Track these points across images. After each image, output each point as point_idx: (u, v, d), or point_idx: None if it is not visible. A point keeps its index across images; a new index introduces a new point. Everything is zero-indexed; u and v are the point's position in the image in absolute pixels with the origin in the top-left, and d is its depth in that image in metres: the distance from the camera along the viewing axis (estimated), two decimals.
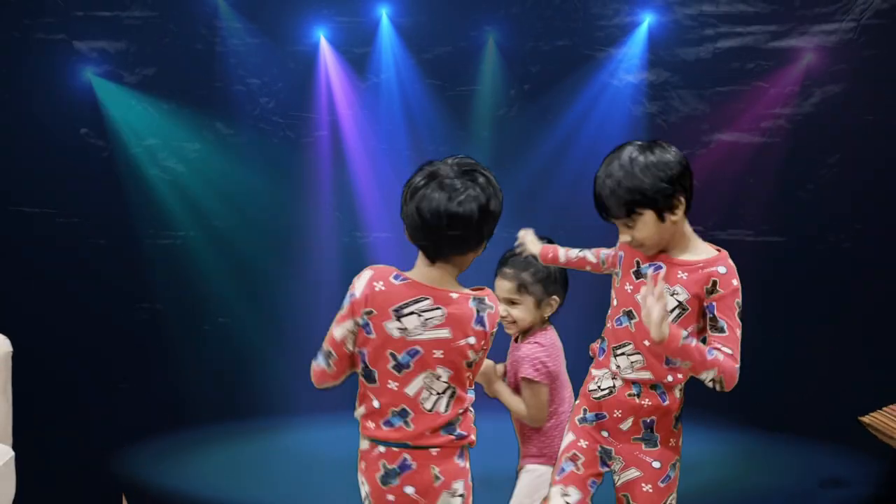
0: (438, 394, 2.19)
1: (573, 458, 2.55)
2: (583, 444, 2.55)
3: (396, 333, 2.16)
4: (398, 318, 2.17)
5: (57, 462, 4.05)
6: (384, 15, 4.02)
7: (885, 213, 3.96)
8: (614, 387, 2.51)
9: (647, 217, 2.42)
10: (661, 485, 2.52)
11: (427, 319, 2.16)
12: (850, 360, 3.99)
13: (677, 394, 2.52)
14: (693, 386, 2.39)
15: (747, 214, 4.05)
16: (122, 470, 3.47)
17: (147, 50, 4.09)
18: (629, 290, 2.49)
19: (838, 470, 3.99)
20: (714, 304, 2.43)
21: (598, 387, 2.54)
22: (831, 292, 4.03)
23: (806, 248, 4.04)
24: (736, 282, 2.46)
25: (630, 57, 4.00)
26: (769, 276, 4.07)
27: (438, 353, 2.17)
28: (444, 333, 2.15)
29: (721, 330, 2.42)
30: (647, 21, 3.96)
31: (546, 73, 4.04)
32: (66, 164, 4.15)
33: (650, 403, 2.51)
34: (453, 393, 2.19)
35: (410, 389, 2.19)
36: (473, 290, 2.19)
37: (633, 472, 2.51)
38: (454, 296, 2.17)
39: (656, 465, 2.53)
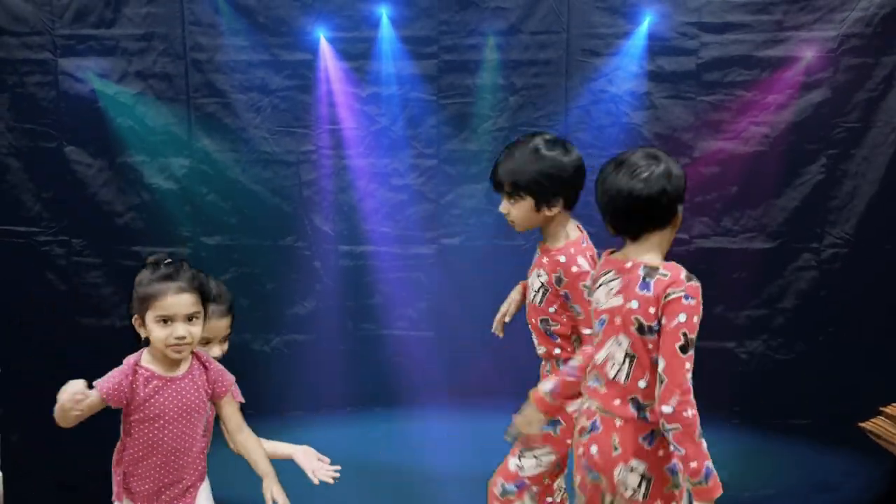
0: (619, 363, 2.30)
1: (553, 423, 2.80)
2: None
3: (592, 304, 2.44)
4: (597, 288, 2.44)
5: (44, 483, 4.01)
6: (383, 21, 4.02)
7: (873, 218, 3.99)
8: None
9: (526, 202, 2.69)
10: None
11: (610, 290, 2.38)
12: (848, 362, 4.00)
13: (561, 366, 2.74)
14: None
15: (734, 222, 4.08)
16: (111, 489, 3.43)
17: (135, 66, 4.08)
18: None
19: (837, 473, 4.00)
20: (567, 292, 2.66)
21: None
22: (823, 296, 4.05)
23: (794, 256, 4.06)
24: (578, 269, 2.61)
25: (616, 68, 4.03)
26: (760, 282, 4.09)
27: (617, 321, 2.32)
28: (618, 301, 2.32)
29: (578, 314, 2.66)
30: (635, 32, 3.99)
31: (535, 84, 4.06)
32: (54, 181, 4.14)
33: (549, 371, 2.88)
34: (631, 361, 2.30)
35: (599, 356, 2.36)
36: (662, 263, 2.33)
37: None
38: (628, 265, 2.33)
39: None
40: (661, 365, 2.24)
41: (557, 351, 2.75)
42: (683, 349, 2.22)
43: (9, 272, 4.13)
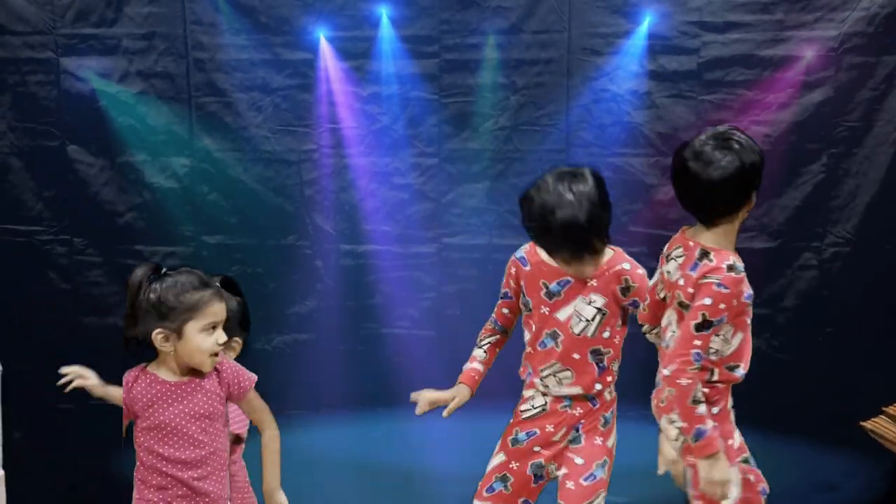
0: (669, 335, 2.40)
1: (503, 479, 2.57)
2: (514, 465, 2.57)
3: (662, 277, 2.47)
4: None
5: (47, 481, 4.01)
6: (383, 21, 4.02)
7: (875, 217, 3.99)
8: (546, 404, 2.58)
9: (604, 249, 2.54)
10: (585, 482, 2.53)
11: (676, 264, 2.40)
12: (849, 362, 4.00)
13: (607, 396, 2.62)
14: None
15: None
16: (113, 488, 3.44)
17: (137, 65, 4.08)
18: (546, 312, 2.54)
19: (837, 473, 4.00)
20: (636, 299, 2.52)
21: (532, 406, 2.57)
22: (824, 296, 4.05)
23: (796, 255, 4.06)
24: (641, 270, 2.55)
25: (617, 67, 4.03)
26: (762, 281, 4.08)
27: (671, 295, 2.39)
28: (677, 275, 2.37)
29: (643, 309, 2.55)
30: (637, 31, 3.99)
31: (536, 83, 4.06)
32: (56, 180, 4.14)
33: (581, 411, 2.59)
34: (673, 335, 2.38)
35: (662, 322, 2.44)
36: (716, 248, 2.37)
37: (561, 472, 2.54)
38: (691, 243, 2.38)
39: (579, 461, 2.55)
40: (676, 334, 2.32)
41: (598, 387, 2.58)
42: (698, 327, 2.28)
43: (10, 271, 4.14)
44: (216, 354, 2.39)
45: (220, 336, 2.37)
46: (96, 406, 3.97)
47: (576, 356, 2.56)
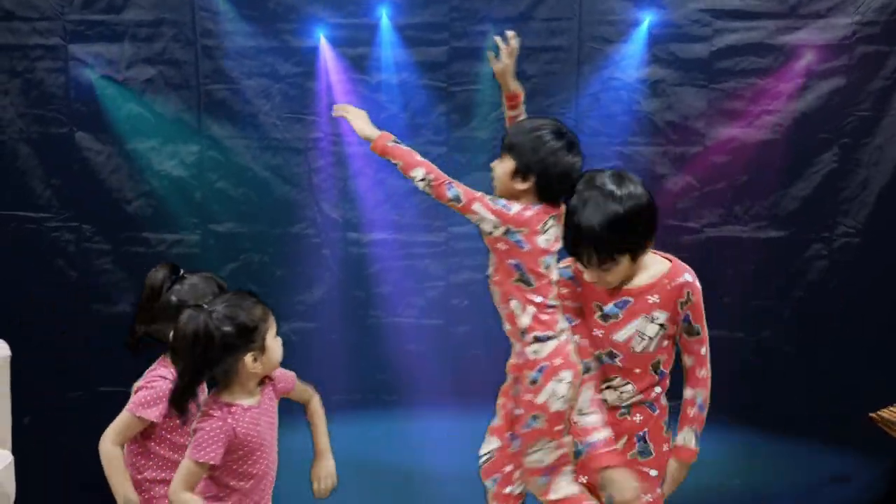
0: None
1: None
2: (583, 479, 2.53)
3: None
4: None
5: (56, 466, 4.03)
6: (384, 15, 4.01)
7: (886, 208, 3.96)
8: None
9: (623, 260, 2.39)
10: (659, 490, 2.52)
11: None
12: (854, 357, 3.98)
13: (663, 401, 2.56)
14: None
15: (745, 211, 4.06)
16: None
17: (145, 52, 4.07)
18: (601, 336, 2.48)
19: (842, 468, 3.99)
20: (689, 313, 2.42)
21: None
22: (832, 288, 4.03)
23: (805, 245, 4.04)
24: (698, 283, 2.46)
25: (628, 55, 4.00)
26: (770, 272, 4.07)
27: None
28: None
29: (697, 333, 2.46)
30: (647, 19, 3.96)
31: (544, 72, 4.03)
32: (64, 167, 4.14)
33: (641, 418, 2.51)
34: None
35: None
36: None
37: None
38: None
39: (653, 473, 2.52)
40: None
41: (658, 389, 2.52)
42: None
43: (19, 258, 4.14)
44: None
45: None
46: (105, 392, 4.01)
47: (637, 371, 2.50)
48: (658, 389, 2.52)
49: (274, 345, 2.42)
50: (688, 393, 2.52)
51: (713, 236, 4.05)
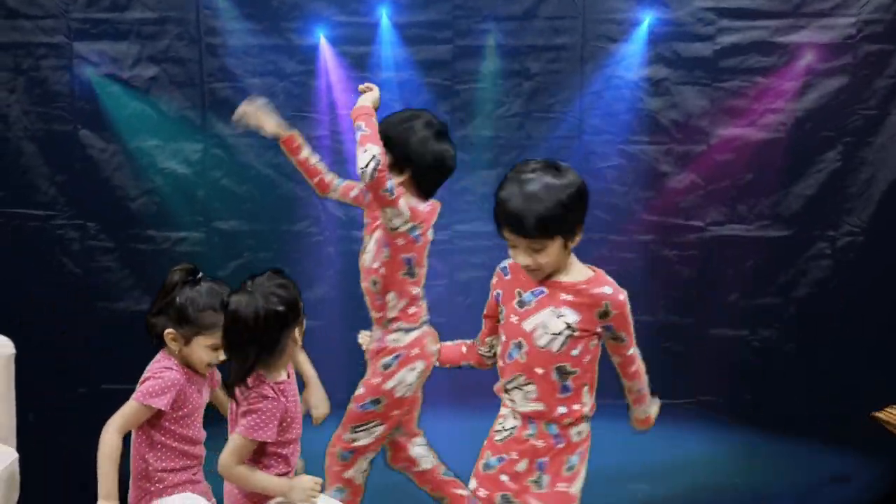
0: None
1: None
2: (482, 492, 2.40)
3: None
4: None
5: (57, 464, 4.04)
6: (384, 14, 4.02)
7: (890, 207, 3.96)
8: (514, 427, 2.39)
9: (556, 242, 2.31)
10: None
11: None
12: (855, 357, 3.97)
13: (574, 437, 2.38)
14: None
15: (748, 210, 4.05)
16: (124, 470, 3.47)
17: (147, 51, 4.08)
18: (515, 322, 2.39)
19: (842, 468, 3.98)
20: (612, 324, 2.34)
21: (503, 427, 2.41)
22: (835, 287, 4.02)
23: (809, 244, 4.03)
24: (623, 296, 2.35)
25: (631, 54, 4.00)
26: (773, 271, 4.06)
27: None
28: None
29: (623, 340, 2.37)
30: (650, 18, 3.96)
31: (547, 70, 4.04)
32: (68, 165, 4.15)
33: (543, 444, 2.37)
34: None
35: None
36: None
37: None
38: None
39: None
40: None
41: (562, 410, 2.33)
42: None
43: (24, 255, 4.16)
44: (211, 365, 2.57)
45: (221, 355, 2.51)
46: (107, 390, 4.01)
47: (539, 371, 2.34)
48: (563, 410, 2.34)
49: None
50: (624, 384, 2.47)
51: (716, 235, 4.05)
